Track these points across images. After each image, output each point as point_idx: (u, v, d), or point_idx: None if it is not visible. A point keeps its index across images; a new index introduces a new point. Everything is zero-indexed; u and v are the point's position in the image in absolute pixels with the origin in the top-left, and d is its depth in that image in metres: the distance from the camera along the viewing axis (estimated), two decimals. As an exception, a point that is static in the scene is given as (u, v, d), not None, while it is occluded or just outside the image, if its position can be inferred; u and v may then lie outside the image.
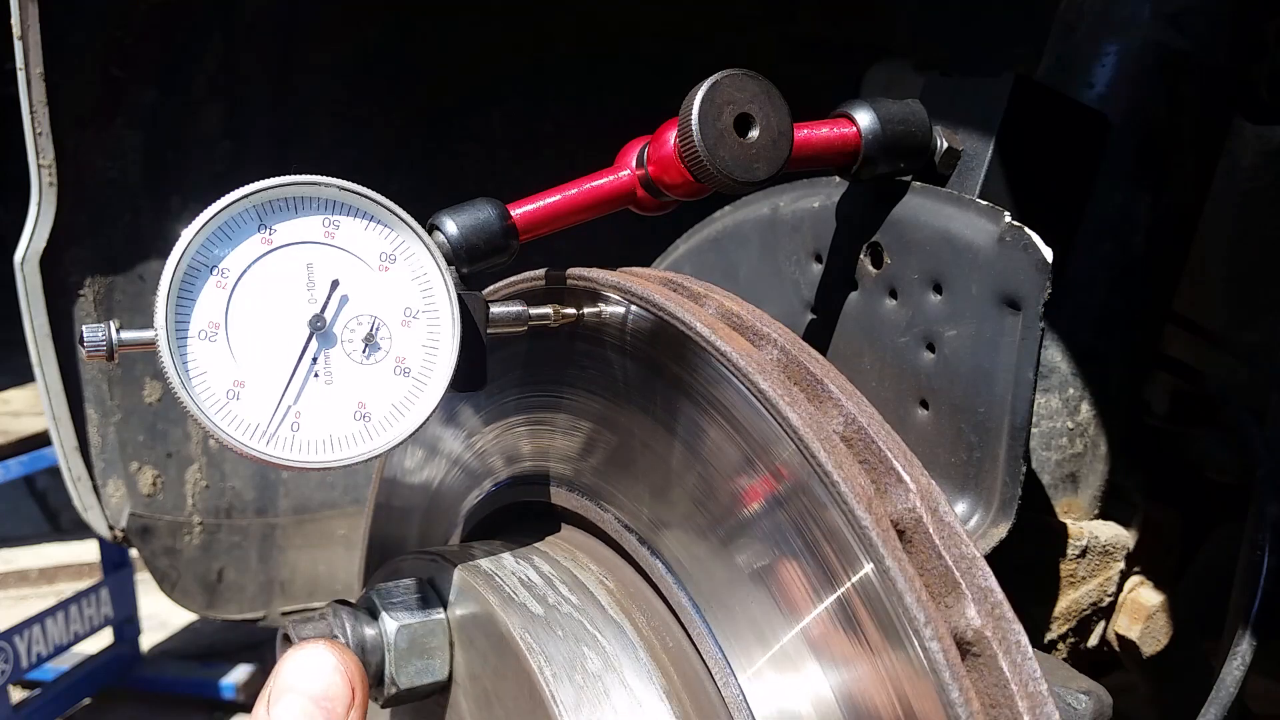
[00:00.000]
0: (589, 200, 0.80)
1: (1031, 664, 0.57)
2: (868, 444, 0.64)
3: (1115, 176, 0.96)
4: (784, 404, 0.64)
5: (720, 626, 0.70)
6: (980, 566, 0.59)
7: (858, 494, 0.60)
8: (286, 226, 0.70)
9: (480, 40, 2.09)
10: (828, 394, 0.67)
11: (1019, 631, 0.58)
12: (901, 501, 0.62)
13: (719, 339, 0.68)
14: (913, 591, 0.57)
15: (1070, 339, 0.97)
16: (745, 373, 0.66)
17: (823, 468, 0.61)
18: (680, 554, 0.74)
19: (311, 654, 0.70)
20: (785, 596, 0.66)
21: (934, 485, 0.62)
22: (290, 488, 2.08)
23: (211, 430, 0.67)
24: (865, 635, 0.61)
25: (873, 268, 0.89)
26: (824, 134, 0.82)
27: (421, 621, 0.79)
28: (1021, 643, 0.58)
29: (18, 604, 3.95)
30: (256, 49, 1.88)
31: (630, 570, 0.80)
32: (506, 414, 0.90)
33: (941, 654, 0.56)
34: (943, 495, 0.62)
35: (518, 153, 2.21)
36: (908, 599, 0.57)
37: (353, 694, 0.70)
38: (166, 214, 1.85)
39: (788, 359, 0.69)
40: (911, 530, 0.61)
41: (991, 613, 0.58)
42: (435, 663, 0.79)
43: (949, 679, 0.55)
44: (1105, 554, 0.99)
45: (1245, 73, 1.04)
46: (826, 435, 0.63)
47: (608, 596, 0.79)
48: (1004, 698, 0.56)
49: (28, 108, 1.58)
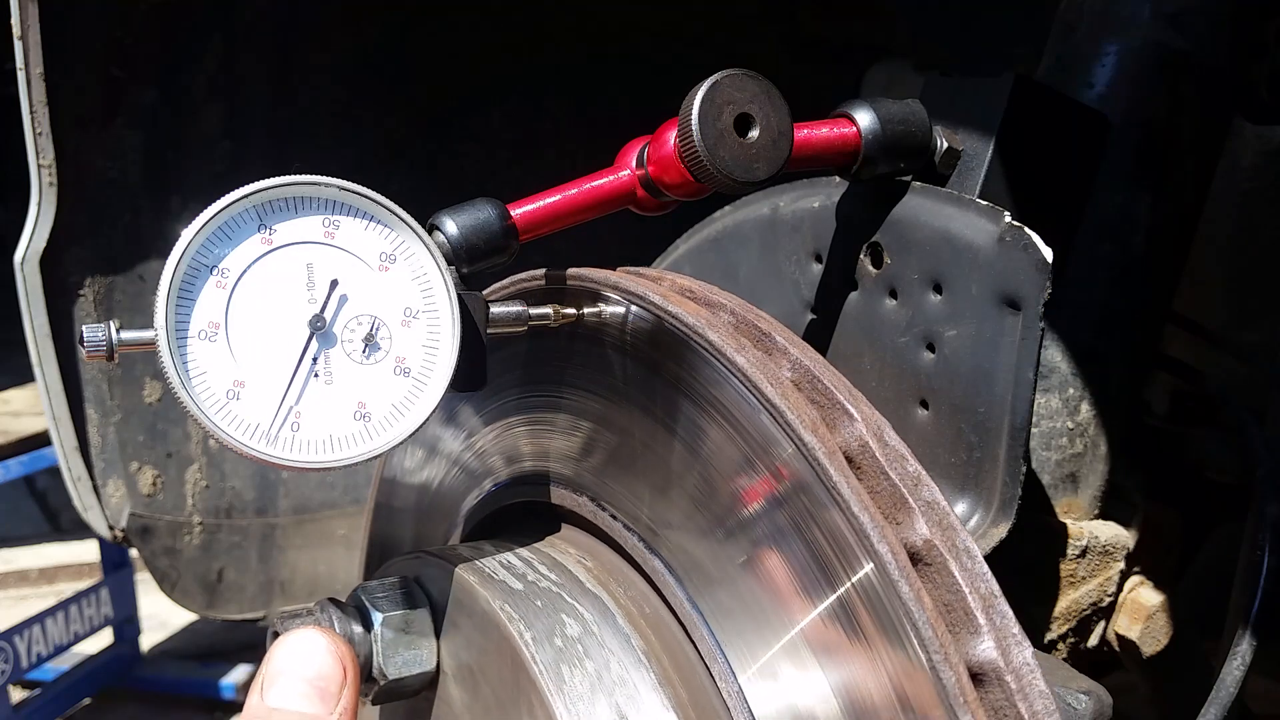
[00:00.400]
0: (589, 200, 0.80)
1: (981, 566, 0.60)
2: (815, 385, 0.68)
3: (1115, 176, 0.96)
4: (731, 350, 0.67)
5: (720, 625, 0.71)
6: (925, 482, 0.63)
7: (805, 422, 0.63)
8: (286, 226, 0.70)
9: (480, 40, 2.09)
10: (776, 345, 0.70)
11: (966, 538, 0.61)
12: (850, 433, 0.65)
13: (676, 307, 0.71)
14: (863, 507, 0.60)
15: (1070, 339, 0.97)
16: (695, 328, 0.69)
17: (771, 403, 0.65)
18: (680, 553, 0.74)
19: (302, 638, 0.71)
20: (785, 595, 0.66)
21: (878, 414, 0.66)
22: (290, 488, 2.08)
23: (211, 430, 0.67)
24: (865, 635, 0.61)
25: (873, 268, 0.89)
26: (824, 134, 0.82)
27: (405, 613, 0.80)
28: (970, 548, 0.61)
29: (18, 604, 3.95)
30: (256, 49, 1.87)
31: (616, 556, 0.80)
32: (506, 414, 0.90)
33: (893, 560, 0.59)
34: (887, 423, 0.66)
35: (518, 153, 2.21)
36: (861, 517, 0.60)
37: (344, 673, 0.70)
38: (166, 214, 1.85)
39: (738, 320, 0.73)
40: (859, 457, 0.64)
41: (939, 523, 0.62)
42: (422, 653, 0.80)
43: (901, 582, 0.58)
44: (1105, 554, 0.99)
45: (1245, 73, 1.04)
46: (778, 379, 0.66)
47: (586, 574, 0.80)
48: (957, 600, 0.60)
49: (28, 108, 1.58)
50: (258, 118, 1.92)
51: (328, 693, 0.69)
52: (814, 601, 0.64)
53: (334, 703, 0.69)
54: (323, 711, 0.68)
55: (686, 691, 0.72)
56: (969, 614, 0.59)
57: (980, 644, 0.59)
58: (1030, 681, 0.58)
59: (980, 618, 0.59)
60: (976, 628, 0.59)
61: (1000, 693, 0.58)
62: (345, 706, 0.69)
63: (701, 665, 0.71)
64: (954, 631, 0.59)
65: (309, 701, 0.68)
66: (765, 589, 0.67)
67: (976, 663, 0.59)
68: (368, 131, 2.04)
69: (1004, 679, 0.58)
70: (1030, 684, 0.58)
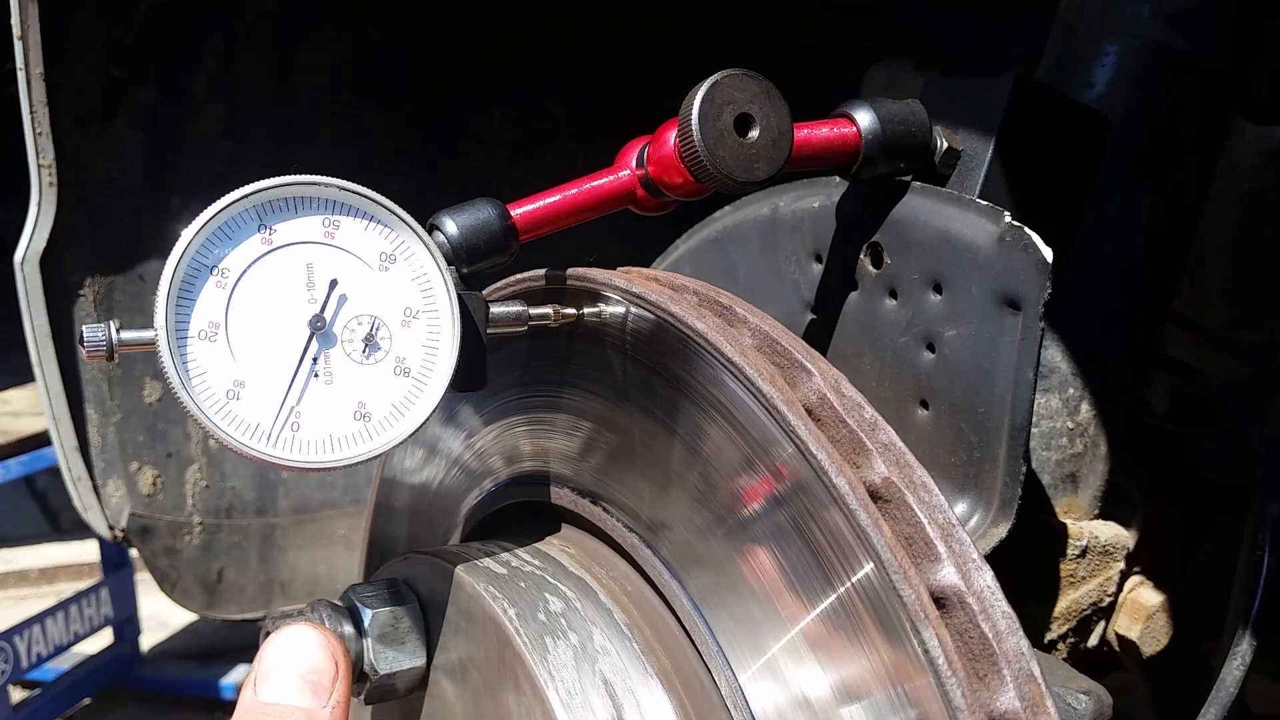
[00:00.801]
0: (589, 200, 0.80)
1: (939, 499, 0.63)
2: (774, 347, 0.71)
3: (1115, 176, 0.96)
4: (693, 319, 0.70)
5: (720, 624, 0.71)
6: (881, 425, 0.66)
7: (764, 376, 0.67)
8: (286, 226, 0.70)
9: (480, 40, 2.09)
10: (737, 316, 0.73)
11: (923, 474, 0.64)
12: (809, 387, 0.68)
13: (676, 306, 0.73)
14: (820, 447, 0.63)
15: (1070, 339, 0.97)
16: (657, 303, 0.72)
17: (734, 363, 0.67)
18: (680, 552, 0.74)
19: (293, 634, 0.72)
20: (785, 595, 0.66)
21: (835, 369, 0.69)
22: (290, 488, 2.08)
23: (211, 430, 0.67)
24: (866, 634, 0.61)
25: (873, 268, 0.89)
26: (824, 134, 0.82)
27: (393, 609, 0.81)
28: (926, 483, 0.64)
29: (18, 604, 3.95)
30: (256, 49, 1.87)
31: (628, 568, 0.80)
32: (506, 414, 0.90)
33: (851, 493, 0.61)
34: (844, 377, 0.68)
35: (518, 153, 2.21)
36: (819, 455, 0.62)
37: (336, 667, 0.71)
38: (166, 214, 1.85)
39: (700, 298, 0.76)
40: (818, 409, 0.67)
41: (896, 462, 0.64)
42: (411, 649, 0.81)
43: (859, 512, 0.60)
44: (1105, 554, 0.99)
45: (1245, 73, 1.04)
46: (738, 343, 0.69)
47: (569, 559, 0.82)
48: (917, 532, 0.62)
49: (28, 108, 1.58)
50: (258, 118, 1.92)
51: (320, 686, 0.69)
52: (803, 590, 0.64)
53: (326, 696, 0.69)
54: (315, 705, 0.69)
55: (671, 660, 0.74)
56: (929, 543, 0.61)
57: (940, 570, 0.60)
58: (992, 603, 0.60)
59: (940, 546, 0.61)
60: (936, 555, 0.61)
61: (964, 615, 0.60)
62: (338, 700, 0.69)
63: (692, 649, 0.73)
64: (916, 562, 0.61)
65: (302, 695, 0.69)
66: (759, 578, 0.68)
67: (938, 588, 0.60)
68: (368, 131, 2.04)
69: (965, 601, 0.60)
70: (992, 605, 0.60)
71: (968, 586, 0.60)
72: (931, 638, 0.58)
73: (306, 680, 0.69)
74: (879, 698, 0.61)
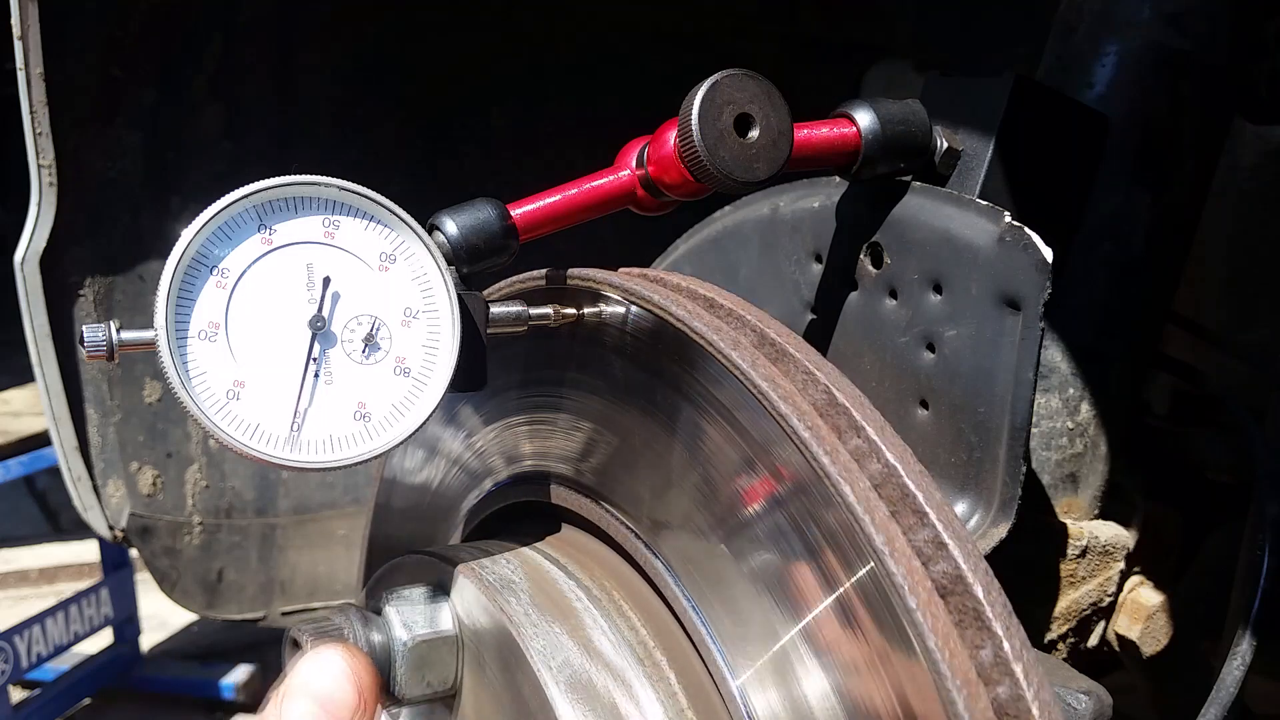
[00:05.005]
0: (589, 200, 0.80)
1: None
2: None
3: (1115, 176, 0.96)
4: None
5: (719, 624, 0.71)
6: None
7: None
8: (286, 226, 0.70)
9: (480, 41, 2.09)
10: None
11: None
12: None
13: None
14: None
15: (1070, 339, 0.97)
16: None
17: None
18: (680, 552, 0.74)
19: (325, 658, 0.72)
20: (785, 595, 0.66)
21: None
22: (290, 488, 2.08)
23: (211, 431, 0.67)
24: (866, 634, 0.61)
25: (873, 268, 0.89)
26: (824, 134, 0.82)
27: (432, 635, 0.79)
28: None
29: (18, 604, 3.95)
30: (256, 49, 1.87)
31: (628, 568, 0.80)
32: (506, 414, 0.90)
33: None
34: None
35: (518, 153, 2.21)
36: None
37: (360, 702, 0.71)
38: (166, 214, 1.85)
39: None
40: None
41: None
42: (444, 675, 0.80)
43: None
44: (1105, 554, 0.99)
45: (1245, 73, 1.04)
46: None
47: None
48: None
49: (28, 108, 1.59)
50: (258, 118, 1.92)
51: (338, 718, 0.70)
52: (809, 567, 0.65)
53: None
54: None
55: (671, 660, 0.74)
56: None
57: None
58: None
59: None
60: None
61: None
62: None
63: (692, 649, 0.73)
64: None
65: None
66: (759, 578, 0.68)
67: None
68: (368, 132, 2.04)
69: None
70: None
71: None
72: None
73: (326, 709, 0.70)
74: (879, 698, 0.61)
